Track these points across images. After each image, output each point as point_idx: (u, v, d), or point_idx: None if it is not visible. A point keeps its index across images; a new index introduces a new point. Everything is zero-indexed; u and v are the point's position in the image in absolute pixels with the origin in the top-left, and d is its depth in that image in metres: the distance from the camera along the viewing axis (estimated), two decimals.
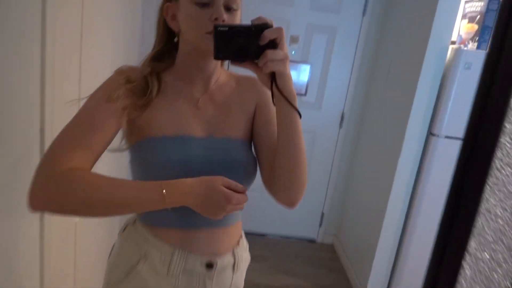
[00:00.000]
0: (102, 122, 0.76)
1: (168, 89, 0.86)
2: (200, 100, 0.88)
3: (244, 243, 0.99)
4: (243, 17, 0.85)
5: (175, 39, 0.89)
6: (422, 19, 2.13)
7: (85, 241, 1.47)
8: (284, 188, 0.84)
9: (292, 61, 2.76)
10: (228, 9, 0.80)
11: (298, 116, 0.78)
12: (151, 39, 0.92)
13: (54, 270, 1.19)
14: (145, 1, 1.92)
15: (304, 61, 2.78)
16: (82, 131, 0.75)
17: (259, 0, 2.65)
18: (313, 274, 2.69)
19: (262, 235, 3.08)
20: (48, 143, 0.88)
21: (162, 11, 0.86)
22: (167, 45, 0.89)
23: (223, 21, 0.77)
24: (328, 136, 2.93)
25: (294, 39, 2.74)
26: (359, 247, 2.63)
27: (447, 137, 2.07)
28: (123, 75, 0.81)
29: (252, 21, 0.73)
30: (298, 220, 3.09)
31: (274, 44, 0.73)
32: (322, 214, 3.09)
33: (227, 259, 0.91)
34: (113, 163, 1.46)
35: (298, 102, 0.77)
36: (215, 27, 0.72)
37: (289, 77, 0.75)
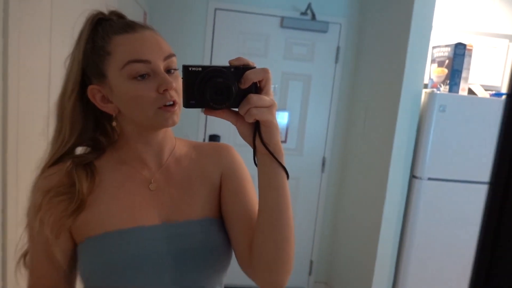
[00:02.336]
0: (43, 252, 0.72)
1: (108, 177, 0.74)
2: (152, 180, 0.75)
3: None
4: (225, 64, 0.67)
5: (113, 123, 0.73)
6: (394, 65, 2.19)
7: None
8: (267, 270, 0.69)
9: None
10: (169, 71, 0.70)
11: (285, 176, 0.64)
12: None
13: None
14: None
15: (282, 108, 2.80)
16: (34, 272, 0.74)
17: (233, 53, 2.69)
18: None
19: None
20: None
21: (76, 97, 0.71)
22: (84, 134, 0.73)
23: (174, 89, 0.67)
24: (311, 181, 2.91)
25: None
26: None
27: (430, 179, 2.08)
28: (43, 188, 0.70)
29: (230, 61, 0.61)
30: None
31: (257, 88, 0.61)
32: (311, 262, 3.00)
33: None
34: None
35: None
36: (185, 67, 0.59)
37: (276, 127, 0.61)
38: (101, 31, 0.69)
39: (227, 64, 0.61)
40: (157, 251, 0.71)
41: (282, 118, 2.80)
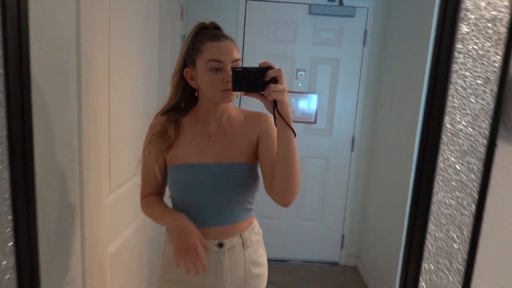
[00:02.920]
0: (149, 172, 1.19)
1: (188, 129, 1.17)
2: (212, 135, 1.17)
3: (255, 229, 1.25)
4: (256, 54, 1.00)
5: (196, 94, 1.19)
6: (420, 46, 2.28)
7: (119, 269, 1.61)
8: (280, 192, 1.07)
9: (300, 92, 2.93)
10: None
11: (293, 134, 1.00)
12: (166, 89, 1.11)
13: None
14: (161, 48, 2.14)
15: (312, 91, 2.95)
16: (143, 180, 1.23)
17: (266, 40, 2.87)
18: None
19: (285, 261, 3.16)
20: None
21: (180, 74, 1.15)
22: (182, 98, 1.18)
23: None
24: (341, 160, 3.05)
25: (300, 72, 2.93)
26: (382, 266, 2.68)
27: None
28: (151, 132, 1.18)
29: (259, 64, 0.99)
30: (319, 244, 3.16)
31: (275, 80, 0.96)
32: (343, 237, 3.16)
33: (235, 240, 1.19)
34: None
35: (308, 130, 0.96)
36: (232, 68, 0.99)
37: (287, 104, 0.97)
38: (199, 37, 1.10)
39: (257, 65, 0.98)
40: (210, 179, 1.14)
41: (312, 101, 2.96)
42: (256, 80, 0.96)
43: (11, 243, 0.54)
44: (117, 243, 1.54)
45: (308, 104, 2.96)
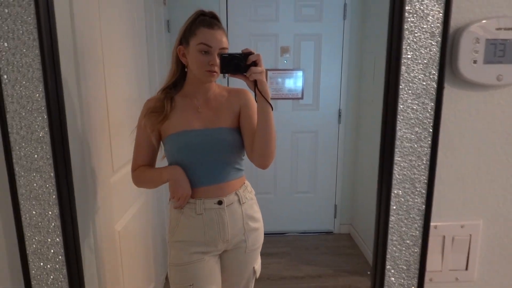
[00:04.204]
0: (145, 142, 1.35)
1: (179, 104, 1.33)
2: (199, 107, 1.34)
3: (248, 188, 1.41)
4: (240, 34, 1.07)
5: (186, 69, 1.34)
6: None
7: (127, 245, 1.72)
8: (259, 156, 1.28)
9: (286, 70, 3.02)
10: (220, 54, 1.23)
11: (270, 108, 1.20)
12: (155, 73, 1.18)
13: (108, 268, 1.43)
14: (151, 51, 2.20)
15: (297, 68, 3.04)
16: (137, 152, 1.37)
17: (249, 20, 2.93)
18: (334, 262, 2.90)
19: (283, 234, 3.30)
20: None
21: (176, 52, 1.31)
22: (178, 76, 1.35)
23: (217, 65, 1.22)
24: (329, 133, 3.17)
25: (285, 50, 3.01)
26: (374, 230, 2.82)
27: None
28: (146, 106, 1.34)
29: (242, 50, 1.16)
30: (313, 215, 3.30)
31: (256, 64, 1.14)
32: (335, 206, 3.30)
33: (232, 197, 1.35)
34: None
35: (296, 106, 1.08)
36: (220, 55, 1.17)
37: (265, 83, 1.17)
38: (196, 22, 1.25)
39: (241, 52, 1.14)
40: (200, 142, 1.30)
41: (297, 78, 3.04)
42: (239, 64, 1.13)
43: (54, 195, 0.64)
44: (123, 220, 1.64)
45: (294, 80, 3.05)
